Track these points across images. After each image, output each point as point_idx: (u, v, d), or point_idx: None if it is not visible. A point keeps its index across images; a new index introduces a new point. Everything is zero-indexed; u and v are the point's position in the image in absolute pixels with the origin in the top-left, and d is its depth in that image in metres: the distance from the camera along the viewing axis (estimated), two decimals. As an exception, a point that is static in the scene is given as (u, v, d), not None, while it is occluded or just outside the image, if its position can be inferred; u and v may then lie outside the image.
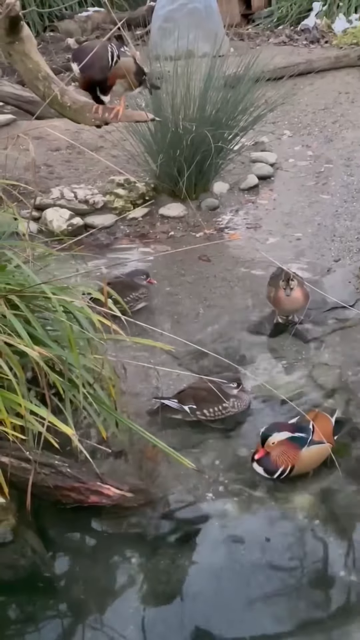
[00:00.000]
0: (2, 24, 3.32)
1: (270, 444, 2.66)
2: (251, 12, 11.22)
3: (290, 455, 2.65)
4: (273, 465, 2.66)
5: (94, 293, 2.82)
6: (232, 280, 4.21)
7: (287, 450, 2.65)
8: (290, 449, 2.66)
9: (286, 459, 2.65)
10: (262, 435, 2.69)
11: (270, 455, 2.67)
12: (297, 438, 2.68)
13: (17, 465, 2.49)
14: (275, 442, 2.66)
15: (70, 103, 3.42)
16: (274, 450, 2.66)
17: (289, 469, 2.65)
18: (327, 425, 2.78)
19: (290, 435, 2.68)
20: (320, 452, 2.71)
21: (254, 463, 2.70)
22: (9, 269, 2.71)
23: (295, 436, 2.69)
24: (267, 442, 2.67)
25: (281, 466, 2.65)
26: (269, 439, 2.67)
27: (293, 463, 2.65)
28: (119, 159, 5.36)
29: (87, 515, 2.58)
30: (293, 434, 2.69)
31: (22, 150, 4.00)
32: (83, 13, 10.81)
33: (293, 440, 2.67)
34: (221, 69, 5.06)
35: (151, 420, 3.03)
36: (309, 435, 2.70)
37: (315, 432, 2.71)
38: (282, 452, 2.66)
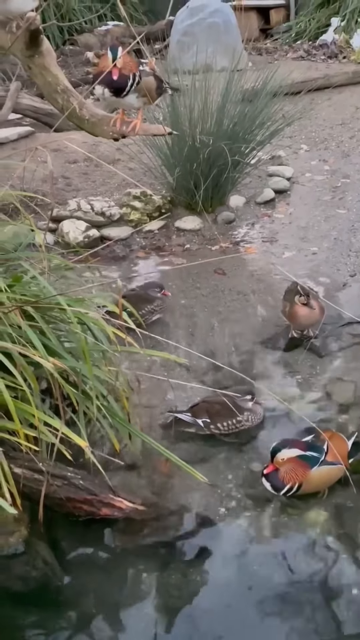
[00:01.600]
0: (22, 37, 3.35)
1: (279, 460, 2.64)
2: (270, 27, 11.27)
3: (298, 473, 2.62)
4: (280, 481, 2.64)
5: (109, 305, 2.83)
6: (247, 293, 4.20)
7: (295, 468, 2.63)
8: (299, 467, 2.63)
9: (294, 477, 2.63)
10: (272, 450, 2.67)
11: (279, 471, 2.64)
12: (308, 457, 2.65)
13: (30, 476, 2.49)
14: (285, 458, 2.63)
15: (88, 116, 3.43)
16: (283, 466, 2.64)
17: (296, 487, 2.63)
18: (343, 446, 2.74)
19: (300, 454, 2.65)
20: (331, 473, 2.68)
21: (263, 478, 2.68)
22: (25, 280, 2.73)
23: (306, 455, 2.66)
24: (276, 457, 2.65)
25: (288, 483, 2.63)
26: (278, 454, 2.64)
27: (300, 481, 2.62)
28: (136, 171, 5.38)
29: (99, 527, 2.58)
30: (304, 452, 2.66)
31: (40, 162, 4.03)
32: (102, 27, 10.91)
33: (303, 459, 2.64)
34: (239, 83, 5.08)
35: (164, 434, 3.02)
36: (321, 455, 2.67)
37: (329, 452, 2.68)
38: (290, 469, 2.63)
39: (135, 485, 2.75)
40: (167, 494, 2.73)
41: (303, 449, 2.67)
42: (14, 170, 4.19)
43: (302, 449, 2.66)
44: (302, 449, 2.66)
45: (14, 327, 2.42)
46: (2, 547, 2.46)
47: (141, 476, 2.81)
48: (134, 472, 2.81)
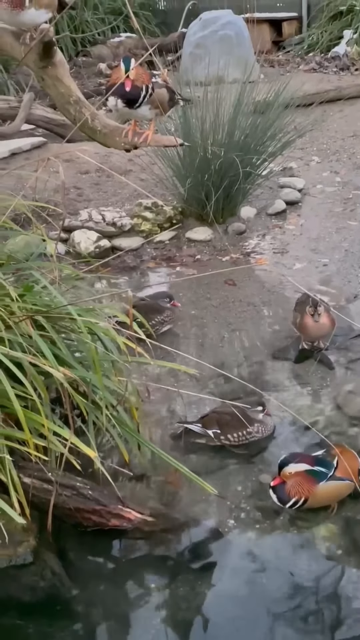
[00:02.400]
0: (35, 49, 3.37)
1: (286, 473, 2.63)
2: (282, 39, 11.32)
3: (304, 488, 2.60)
4: (286, 495, 2.62)
5: (120, 315, 2.83)
6: (257, 305, 4.20)
7: (302, 482, 2.61)
8: (306, 482, 2.61)
9: (300, 491, 2.61)
10: (279, 463, 2.66)
11: (286, 484, 2.63)
12: (316, 472, 2.63)
13: (39, 486, 2.49)
14: (292, 472, 2.62)
15: (100, 127, 3.45)
16: (290, 480, 2.62)
17: (302, 501, 2.61)
18: (354, 462, 2.71)
19: (308, 468, 2.64)
20: (339, 488, 2.66)
21: (270, 489, 2.67)
22: (36, 290, 2.74)
23: (313, 470, 2.64)
24: (283, 471, 2.63)
25: (294, 497, 2.61)
26: (285, 468, 2.63)
27: (306, 496, 2.61)
28: (147, 182, 5.40)
29: (108, 538, 2.57)
30: (312, 467, 2.64)
31: (52, 172, 4.05)
32: (115, 38, 10.99)
33: (311, 474, 2.62)
34: (251, 95, 5.10)
35: (174, 444, 3.01)
36: (329, 471, 2.65)
37: (339, 468, 2.66)
38: (297, 483, 2.61)
39: (144, 496, 2.75)
40: (176, 505, 2.72)
41: (311, 463, 2.65)
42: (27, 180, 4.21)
43: (310, 464, 2.64)
44: (309, 464, 2.64)
45: (25, 336, 2.42)
46: (10, 557, 2.45)
47: (150, 487, 2.80)
48: (143, 482, 2.80)
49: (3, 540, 2.24)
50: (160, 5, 13.19)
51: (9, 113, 6.87)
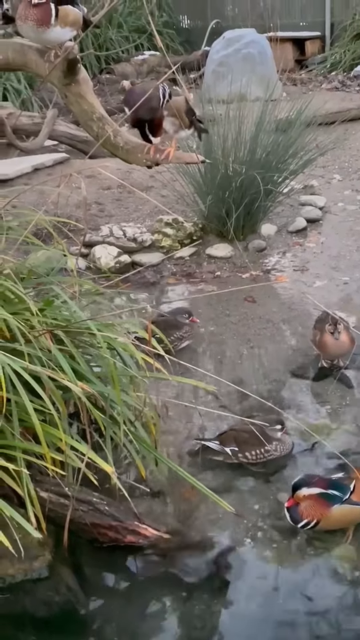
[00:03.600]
0: (60, 66, 3.41)
1: (300, 496, 2.60)
2: (305, 58, 11.37)
3: (317, 511, 2.57)
4: (299, 515, 2.60)
5: (139, 331, 2.83)
6: (277, 322, 4.18)
7: (315, 504, 2.58)
8: (319, 505, 2.57)
9: (312, 513, 2.58)
10: (293, 485, 2.64)
11: (299, 505, 2.61)
12: (330, 495, 2.60)
13: (55, 500, 2.49)
14: (305, 495, 2.59)
15: (122, 144, 3.47)
16: (303, 502, 2.60)
17: (314, 523, 2.58)
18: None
19: (321, 492, 2.61)
20: (355, 513, 2.62)
21: (285, 509, 2.65)
22: (56, 304, 2.75)
23: (327, 493, 2.61)
24: (296, 493, 2.61)
25: (306, 519, 2.58)
26: (298, 491, 2.61)
27: (319, 518, 2.57)
28: (169, 198, 5.42)
29: (123, 555, 2.56)
30: (325, 490, 2.62)
31: (75, 188, 4.08)
32: (139, 56, 11.09)
33: (324, 497, 2.59)
34: (273, 113, 5.12)
35: (191, 461, 3.00)
36: (344, 494, 2.62)
37: (356, 492, 2.63)
38: (310, 505, 2.58)
39: (161, 512, 2.73)
40: (193, 523, 2.70)
41: (325, 486, 2.61)
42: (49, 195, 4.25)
43: (324, 487, 2.61)
44: (323, 487, 2.61)
45: (44, 350, 2.43)
46: (26, 571, 2.45)
47: (167, 504, 2.79)
48: (159, 499, 2.79)
49: (19, 554, 2.24)
50: (184, 24, 13.32)
51: (33, 129, 6.94)
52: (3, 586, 2.40)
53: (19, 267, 2.88)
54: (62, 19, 3.38)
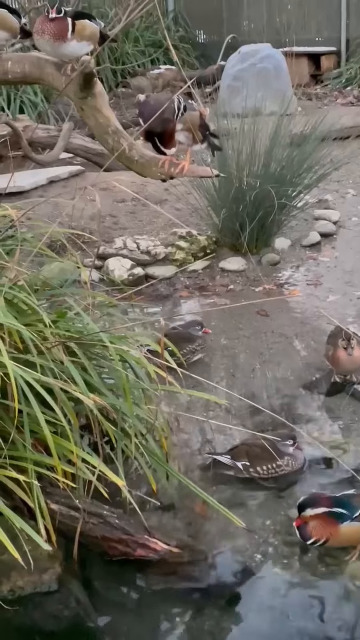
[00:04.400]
0: (76, 80, 3.44)
1: (306, 516, 2.58)
2: (320, 73, 11.40)
3: (325, 529, 2.54)
4: (308, 534, 2.58)
5: (152, 344, 2.83)
6: (290, 336, 4.17)
7: (322, 523, 2.55)
8: (327, 523, 2.55)
9: (321, 532, 2.55)
10: (298, 505, 2.62)
11: (308, 524, 2.59)
12: (336, 513, 2.58)
13: (66, 513, 2.48)
14: (311, 515, 2.57)
15: (137, 157, 3.49)
16: (311, 521, 2.58)
17: (322, 541, 2.56)
18: None
19: (326, 510, 2.59)
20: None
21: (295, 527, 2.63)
22: (69, 316, 2.75)
23: (332, 511, 2.58)
24: (302, 515, 2.59)
25: (314, 537, 2.56)
26: (302, 513, 2.59)
27: (327, 537, 2.55)
28: (183, 212, 5.44)
29: (133, 568, 2.54)
30: (331, 508, 2.59)
31: (89, 200, 4.09)
32: (155, 70, 11.16)
33: (330, 515, 2.56)
34: (288, 128, 5.13)
35: (202, 475, 2.99)
36: (350, 511, 2.59)
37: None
38: (317, 524, 2.56)
39: (171, 526, 2.72)
40: (203, 537, 2.69)
41: (329, 505, 2.58)
42: (63, 208, 4.27)
43: (329, 506, 2.58)
44: (328, 506, 2.58)
45: (57, 362, 2.44)
46: (35, 584, 2.44)
47: (177, 518, 2.78)
48: (170, 513, 2.78)
49: (29, 566, 2.23)
50: (200, 39, 13.38)
51: (49, 142, 6.98)
52: (12, 598, 2.39)
53: (33, 279, 2.89)
54: (79, 33, 3.42)
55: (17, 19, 3.78)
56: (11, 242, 2.84)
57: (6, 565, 2.40)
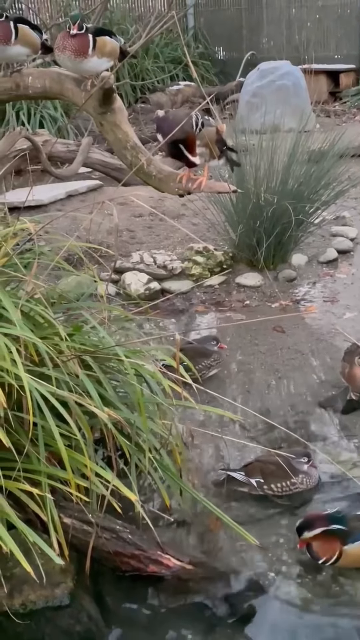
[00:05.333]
0: (96, 95, 3.46)
1: (306, 538, 2.56)
2: (339, 90, 11.42)
3: (330, 547, 2.52)
4: (316, 554, 2.56)
5: (167, 359, 2.83)
6: (306, 352, 4.16)
7: (324, 542, 2.53)
8: (329, 542, 2.53)
9: (326, 550, 2.53)
10: (296, 529, 2.60)
11: (313, 544, 2.56)
12: (334, 530, 2.54)
13: (78, 527, 2.47)
14: (310, 536, 2.55)
15: (155, 172, 3.50)
16: (314, 542, 2.55)
17: (334, 559, 2.53)
18: None
19: (323, 529, 2.55)
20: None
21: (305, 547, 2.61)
22: (85, 330, 2.76)
23: (330, 529, 2.54)
24: (301, 537, 2.57)
25: (323, 557, 2.54)
26: (301, 537, 2.57)
27: (332, 554, 2.52)
28: (200, 227, 5.45)
29: (145, 585, 2.53)
30: (327, 527, 2.55)
31: (107, 215, 4.11)
32: (174, 86, 11.23)
33: (329, 533, 2.53)
34: (306, 144, 5.13)
35: (216, 491, 2.97)
36: (344, 525, 2.56)
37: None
38: (320, 544, 2.54)
39: (184, 543, 2.71)
40: (216, 554, 2.67)
41: (325, 524, 2.56)
42: (81, 221, 4.29)
43: (325, 525, 2.55)
44: (324, 525, 2.55)
45: (72, 375, 2.44)
46: (47, 598, 2.43)
47: (190, 534, 2.76)
48: (183, 529, 2.76)
49: (41, 580, 2.23)
50: (220, 55, 13.47)
51: (68, 156, 7.03)
52: (24, 612, 2.39)
53: (50, 292, 2.91)
54: (99, 50, 3.44)
55: (39, 34, 3.82)
56: (29, 255, 2.85)
57: (18, 578, 2.40)
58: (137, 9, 12.71)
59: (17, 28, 3.65)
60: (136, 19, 11.38)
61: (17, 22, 3.68)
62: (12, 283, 2.77)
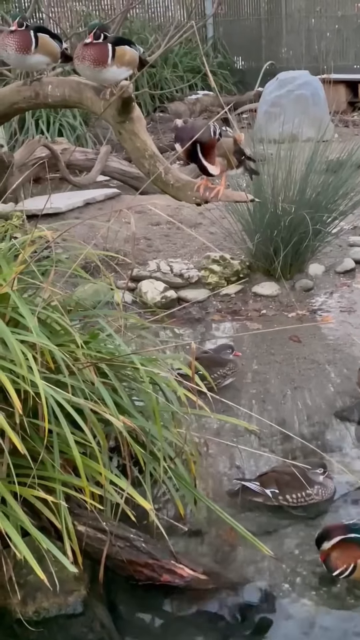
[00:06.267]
0: (114, 104, 3.48)
1: (325, 549, 2.54)
2: (357, 100, 11.40)
3: (350, 556, 2.50)
4: (333, 565, 2.54)
5: (183, 367, 2.83)
6: (322, 363, 4.14)
7: (344, 551, 2.51)
8: (348, 550, 2.50)
9: (345, 560, 2.51)
10: (315, 541, 2.58)
11: (331, 556, 2.54)
12: (352, 538, 2.52)
13: (92, 535, 2.47)
14: (329, 547, 2.53)
15: (173, 181, 3.51)
16: (332, 552, 2.53)
17: (351, 568, 2.51)
18: None
19: (342, 538, 2.53)
20: None
21: None
22: (101, 338, 2.76)
23: (349, 537, 2.53)
24: (320, 549, 2.55)
25: (340, 567, 2.52)
26: (320, 548, 2.55)
27: (349, 563, 2.50)
28: (217, 235, 5.45)
29: (158, 594, 2.52)
30: (346, 535, 2.54)
31: (124, 223, 4.12)
32: (192, 95, 11.26)
33: (348, 541, 2.52)
34: (324, 154, 5.12)
35: (231, 501, 2.96)
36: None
37: None
38: (339, 554, 2.52)
39: (198, 552, 2.69)
40: (230, 565, 2.66)
41: (344, 533, 2.55)
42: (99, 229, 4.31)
43: (343, 534, 2.54)
44: (343, 534, 2.54)
45: (88, 383, 2.44)
46: (60, 606, 2.42)
47: (204, 544, 2.75)
48: (197, 539, 2.75)
49: (54, 587, 2.22)
50: (238, 65, 13.50)
51: (86, 164, 7.07)
52: (37, 620, 2.39)
53: (67, 300, 2.92)
54: (118, 59, 3.46)
55: (58, 43, 3.85)
56: (46, 263, 2.87)
57: (32, 585, 2.40)
58: (156, 18, 12.77)
59: (37, 37, 3.68)
60: (155, 29, 11.43)
61: (37, 31, 3.72)
62: (30, 290, 2.78)
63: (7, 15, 8.79)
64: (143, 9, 12.58)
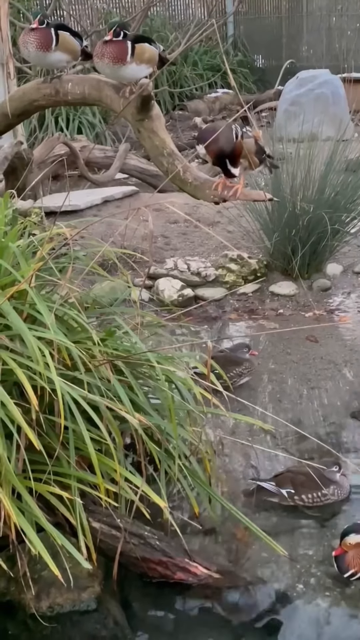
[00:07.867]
0: (134, 102, 3.49)
1: (347, 544, 2.52)
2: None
3: None
4: (345, 565, 2.51)
5: (198, 366, 2.83)
6: (339, 363, 4.12)
7: None
8: None
9: (358, 563, 2.50)
10: (342, 532, 2.56)
11: (347, 554, 2.52)
12: None
13: (107, 532, 2.47)
14: (353, 543, 2.51)
15: (191, 179, 3.51)
16: (351, 550, 2.51)
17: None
18: None
19: None
20: None
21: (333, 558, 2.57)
22: (118, 335, 2.77)
23: None
24: (344, 540, 2.52)
25: (352, 569, 2.50)
26: (346, 538, 2.52)
27: None
28: (234, 234, 5.44)
29: (172, 592, 2.52)
30: None
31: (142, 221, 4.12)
32: (212, 94, 11.25)
33: None
34: (344, 153, 5.10)
35: (245, 501, 2.95)
36: None
37: None
38: (357, 554, 2.50)
39: (212, 551, 2.69)
40: (244, 564, 2.65)
41: None
42: (117, 227, 4.32)
43: None
44: None
45: (104, 380, 2.45)
46: (74, 602, 2.43)
47: (218, 542, 2.75)
48: (211, 537, 2.75)
49: (68, 583, 2.23)
50: (258, 63, 13.47)
51: (105, 162, 7.09)
52: (51, 615, 2.40)
53: (84, 297, 2.92)
54: (138, 57, 3.46)
55: (79, 41, 3.86)
56: (64, 260, 2.87)
57: (46, 581, 2.41)
58: (177, 16, 12.78)
59: (58, 35, 3.69)
60: (176, 27, 11.44)
61: (57, 29, 3.73)
62: (47, 287, 2.79)
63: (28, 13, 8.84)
64: (163, 7, 12.58)
